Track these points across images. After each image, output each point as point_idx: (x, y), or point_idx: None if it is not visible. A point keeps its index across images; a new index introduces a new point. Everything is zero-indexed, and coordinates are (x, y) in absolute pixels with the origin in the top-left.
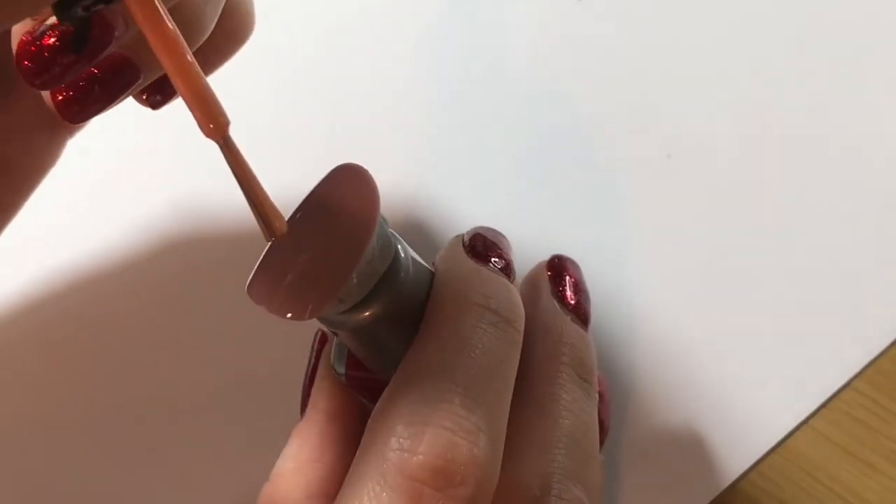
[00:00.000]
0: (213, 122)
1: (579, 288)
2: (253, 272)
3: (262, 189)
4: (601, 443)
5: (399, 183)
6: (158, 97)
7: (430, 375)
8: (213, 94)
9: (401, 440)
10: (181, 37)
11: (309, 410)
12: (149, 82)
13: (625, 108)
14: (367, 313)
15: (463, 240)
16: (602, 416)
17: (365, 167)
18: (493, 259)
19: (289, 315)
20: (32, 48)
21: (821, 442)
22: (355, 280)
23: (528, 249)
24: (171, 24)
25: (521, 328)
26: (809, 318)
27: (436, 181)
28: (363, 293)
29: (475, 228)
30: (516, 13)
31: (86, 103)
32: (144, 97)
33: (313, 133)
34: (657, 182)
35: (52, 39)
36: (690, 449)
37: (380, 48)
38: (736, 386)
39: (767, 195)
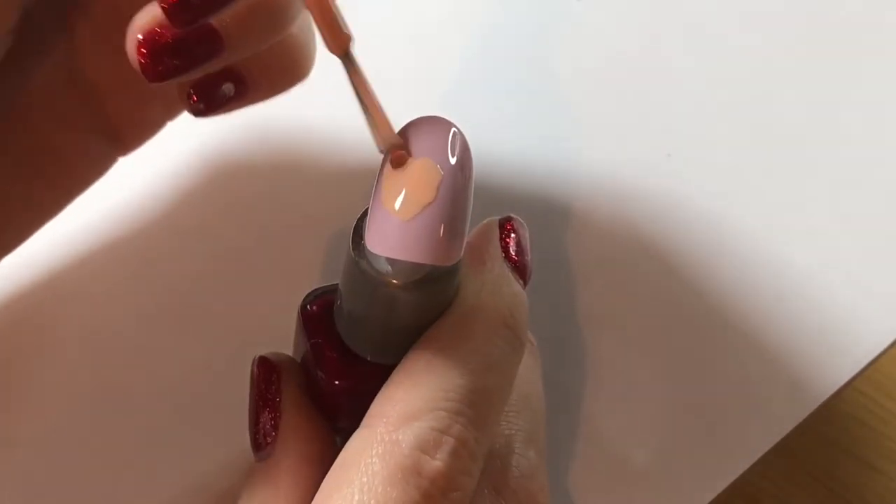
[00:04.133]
0: (336, 37)
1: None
2: (370, 225)
3: (378, 104)
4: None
5: None
6: (202, 105)
7: (452, 386)
8: (339, 10)
9: (419, 440)
10: None
11: (279, 453)
12: (231, 60)
13: (625, 107)
14: (424, 286)
15: (500, 232)
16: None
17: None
18: (516, 258)
19: (434, 261)
20: None
21: (821, 442)
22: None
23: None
24: None
25: (526, 348)
26: (809, 317)
27: None
28: None
29: (514, 220)
30: (516, 13)
31: (168, 65)
32: (193, 100)
33: (307, 139)
34: (657, 182)
35: None
36: (690, 449)
37: (379, 49)
38: (736, 385)
39: (767, 195)
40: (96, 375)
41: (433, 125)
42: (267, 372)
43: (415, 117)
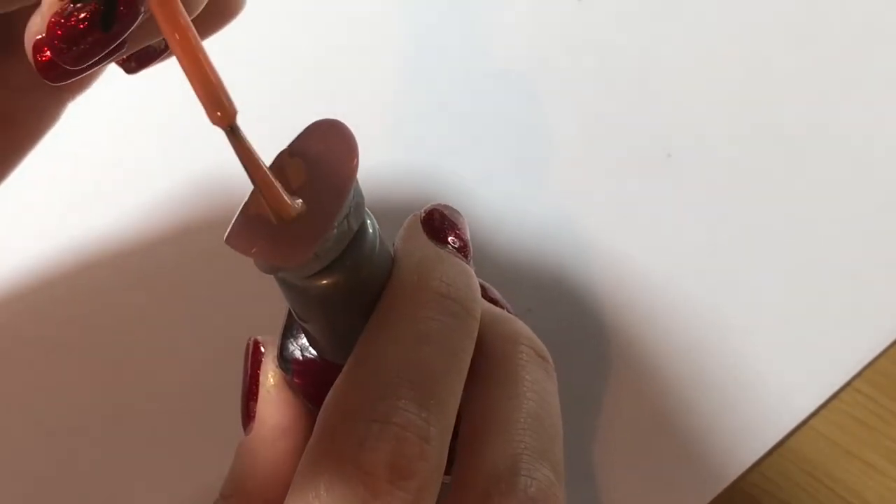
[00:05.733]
0: (220, 109)
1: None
2: (233, 221)
3: (269, 176)
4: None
5: (397, 183)
6: (133, 64)
7: (385, 369)
8: (221, 81)
9: (356, 435)
10: (191, 22)
11: (257, 426)
12: (129, 53)
13: (625, 108)
14: (332, 279)
15: (420, 215)
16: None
17: (343, 122)
18: (450, 238)
19: (274, 261)
20: (61, 28)
21: (821, 442)
22: (335, 231)
23: (528, 249)
24: (182, 10)
25: (479, 315)
26: (809, 318)
27: (435, 181)
28: (338, 250)
29: (431, 204)
30: (516, 13)
31: (61, 71)
32: (123, 59)
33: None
34: (657, 182)
35: (82, 16)
36: (690, 449)
37: (380, 47)
38: (736, 386)
39: (767, 195)
40: (96, 377)
41: (327, 129)
42: (253, 351)
43: (321, 119)
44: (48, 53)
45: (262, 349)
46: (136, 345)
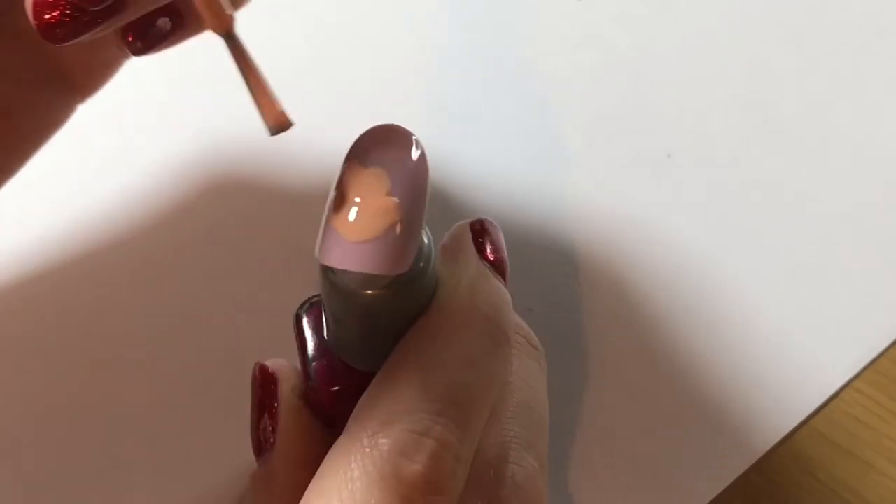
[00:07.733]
0: (218, 16)
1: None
2: (322, 237)
3: (266, 83)
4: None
5: None
6: (140, 44)
7: (432, 385)
8: None
9: (397, 442)
10: None
11: (277, 458)
12: (132, 17)
13: (625, 108)
14: (388, 290)
15: (473, 233)
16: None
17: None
18: (491, 256)
19: (380, 271)
20: None
21: (821, 442)
22: (424, 239)
23: (527, 249)
24: None
25: (513, 343)
26: (809, 317)
27: (434, 182)
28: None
29: (485, 220)
30: (517, 13)
31: (69, 26)
32: (129, 39)
33: (309, 135)
34: (657, 182)
35: None
36: (690, 448)
37: (380, 48)
38: (736, 386)
39: (767, 195)
40: (98, 383)
41: (389, 134)
42: (265, 379)
43: (375, 125)
44: (52, 14)
45: (276, 375)
46: (135, 342)
